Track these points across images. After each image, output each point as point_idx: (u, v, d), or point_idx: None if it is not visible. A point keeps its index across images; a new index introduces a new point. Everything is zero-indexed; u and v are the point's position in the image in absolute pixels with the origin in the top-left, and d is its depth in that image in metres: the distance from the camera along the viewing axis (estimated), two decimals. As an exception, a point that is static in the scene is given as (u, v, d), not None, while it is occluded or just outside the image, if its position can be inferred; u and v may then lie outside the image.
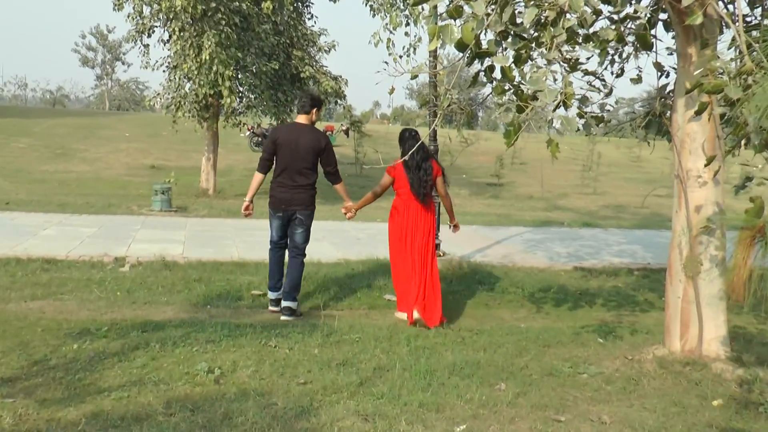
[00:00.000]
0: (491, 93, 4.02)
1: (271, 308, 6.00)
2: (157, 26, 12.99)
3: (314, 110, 6.00)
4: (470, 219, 12.78)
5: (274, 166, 5.96)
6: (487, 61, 4.02)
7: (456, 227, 6.30)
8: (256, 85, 12.75)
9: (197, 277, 6.79)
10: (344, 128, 26.16)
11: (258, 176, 6.01)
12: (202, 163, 14.22)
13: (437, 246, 7.99)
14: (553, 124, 3.68)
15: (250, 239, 9.08)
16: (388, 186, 5.99)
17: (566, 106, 3.54)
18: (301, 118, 5.98)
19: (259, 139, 23.49)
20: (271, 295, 6.03)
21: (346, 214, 6.07)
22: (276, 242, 6.04)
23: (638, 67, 4.80)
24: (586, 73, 4.13)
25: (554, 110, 3.53)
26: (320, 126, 17.30)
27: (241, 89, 13.76)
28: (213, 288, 6.48)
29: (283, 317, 5.79)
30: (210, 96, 12.40)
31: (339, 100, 14.39)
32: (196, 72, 12.56)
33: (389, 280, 7.03)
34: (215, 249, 8.21)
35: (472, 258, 8.51)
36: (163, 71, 13.40)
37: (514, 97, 3.91)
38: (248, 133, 23.08)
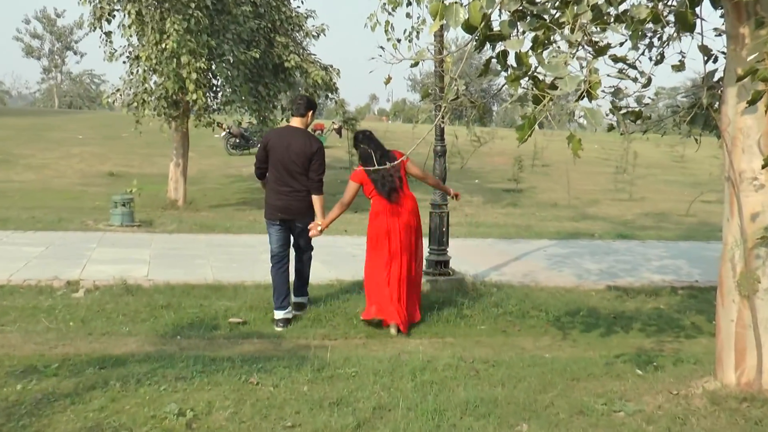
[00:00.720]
0: (506, 83, 4.04)
1: (278, 328, 6.44)
2: (117, 9, 13.09)
3: (310, 113, 6.68)
4: (484, 231, 12.81)
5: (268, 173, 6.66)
6: (500, 46, 4.04)
7: (457, 196, 7.05)
8: (233, 76, 12.79)
9: (165, 302, 6.80)
10: (336, 126, 26.30)
11: (262, 182, 6.85)
12: (169, 169, 14.28)
13: (446, 263, 8.02)
14: (576, 117, 3.69)
15: (226, 257, 9.10)
16: (355, 194, 6.51)
17: (591, 97, 3.55)
18: (296, 121, 6.65)
19: (237, 140, 23.60)
20: (279, 314, 6.51)
21: (310, 231, 6.48)
22: (277, 254, 6.64)
23: (681, 51, 4.81)
24: (617, 59, 4.14)
25: (576, 101, 3.55)
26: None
27: (215, 82, 13.83)
28: (184, 315, 6.49)
29: (294, 312, 6.69)
30: (179, 91, 12.47)
31: (330, 94, 14.46)
32: (155, 62, 12.63)
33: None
34: (186, 270, 8.22)
35: (486, 277, 8.52)
36: (124, 62, 13.47)
37: (531, 86, 3.94)
38: (224, 133, 23.21)
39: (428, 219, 8.23)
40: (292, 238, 6.72)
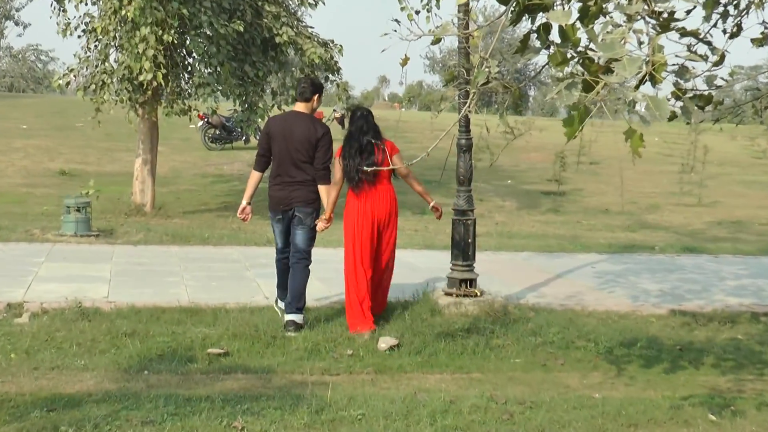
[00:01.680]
0: (547, 63, 4.05)
1: (288, 333, 7.04)
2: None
3: (316, 97, 7.34)
4: (519, 243, 12.81)
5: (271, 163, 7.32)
6: (541, 18, 4.06)
7: (436, 210, 7.62)
8: (212, 54, 12.85)
9: (129, 329, 6.84)
10: (337, 115, 26.36)
11: (254, 175, 7.42)
12: (135, 167, 14.37)
13: (471, 282, 8.03)
14: (636, 108, 3.69)
15: (204, 275, 9.14)
16: (343, 172, 7.30)
17: (655, 82, 3.55)
18: (300, 106, 7.34)
19: (217, 131, 23.74)
20: (290, 317, 7.19)
21: (317, 225, 7.29)
22: (281, 250, 7.42)
23: (763, 22, 4.80)
24: (685, 33, 4.13)
25: (637, 87, 3.55)
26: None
27: (190, 61, 13.90)
28: (152, 345, 6.53)
29: (288, 333, 7.05)
30: (141, 72, 12.53)
31: (331, 76, 14.50)
32: (114, 36, 12.68)
33: (407, 332, 7.05)
34: (155, 289, 8.26)
35: (522, 299, 8.52)
36: (79, 36, 13.53)
37: (580, 69, 3.94)
38: (201, 123, 23.35)
39: (450, 228, 8.24)
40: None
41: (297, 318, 7.14)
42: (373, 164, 7.14)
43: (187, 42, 13.14)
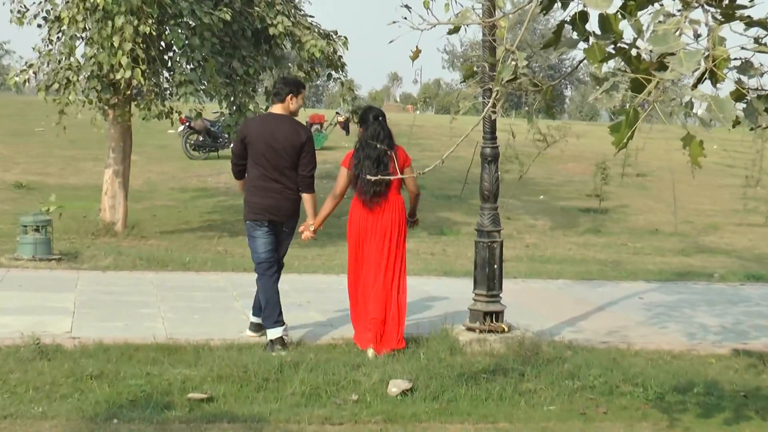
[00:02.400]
0: (585, 59, 4.03)
1: (274, 353, 7.36)
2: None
3: (290, 97, 7.71)
4: (554, 269, 12.78)
5: (247, 170, 7.75)
6: (577, 4, 4.04)
7: (415, 223, 8.09)
8: (195, 47, 12.87)
9: (96, 370, 6.82)
10: (341, 119, 26.47)
11: (238, 183, 8.02)
12: (104, 179, 14.42)
13: (498, 315, 8.00)
14: (694, 110, 3.66)
15: (184, 305, 9.14)
16: (348, 184, 7.80)
17: (716, 80, 3.53)
18: (277, 108, 7.74)
19: (200, 137, 23.84)
20: (273, 333, 7.59)
21: (302, 233, 7.85)
22: (266, 260, 7.70)
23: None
24: (751, 23, 4.11)
25: (694, 86, 3.53)
26: (304, 115, 17.50)
27: (170, 56, 13.94)
28: (123, 389, 6.51)
29: (248, 332, 7.87)
30: (118, 67, 12.53)
31: (334, 73, 14.55)
32: (83, 26, 12.67)
33: (422, 374, 7.01)
34: (127, 323, 8.26)
35: (556, 335, 8.48)
36: (39, 26, 13.55)
37: (625, 66, 3.92)
38: (182, 128, 23.45)
39: (473, 252, 8.22)
40: None
41: (281, 332, 7.63)
42: (388, 174, 7.46)
43: (166, 33, 13.11)
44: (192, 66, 13.28)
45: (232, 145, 25.72)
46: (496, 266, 8.09)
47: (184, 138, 23.80)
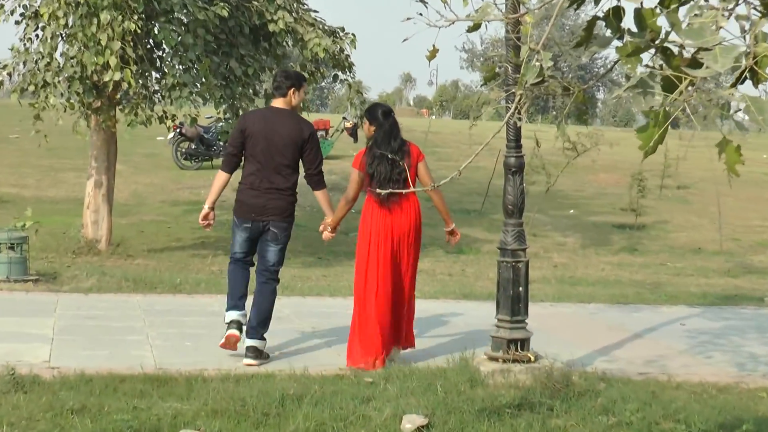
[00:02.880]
0: (618, 58, 4.04)
1: (229, 332, 8.02)
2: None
3: (292, 90, 8.06)
4: (585, 292, 12.76)
5: (243, 163, 8.07)
6: (609, -1, 4.06)
7: (454, 234, 8.54)
8: (188, 45, 12.92)
9: (77, 404, 6.84)
10: (348, 125, 26.49)
11: (221, 176, 8.24)
12: (86, 191, 14.46)
13: (523, 343, 8.00)
14: (731, 111, 3.66)
15: (175, 332, 9.15)
16: (361, 185, 8.12)
17: (757, 80, 3.54)
18: (278, 102, 8.10)
19: (192, 145, 23.90)
20: (230, 315, 8.06)
21: (322, 232, 8.31)
22: (239, 259, 8.16)
23: None
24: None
25: (733, 86, 3.54)
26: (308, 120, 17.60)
27: (161, 54, 13.98)
28: (107, 425, 6.51)
29: (246, 360, 7.93)
30: (103, 69, 12.56)
31: (340, 74, 14.59)
32: (65, 24, 12.67)
33: (439, 408, 7.02)
34: (111, 351, 8.27)
35: (588, 365, 8.47)
36: (17, 22, 13.60)
37: (660, 63, 3.92)
38: (173, 134, 23.50)
39: (496, 273, 8.23)
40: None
41: (259, 344, 7.99)
42: (402, 171, 7.92)
43: (155, 31, 13.18)
44: (185, 67, 13.30)
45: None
46: (521, 288, 8.08)
47: (174, 146, 23.86)
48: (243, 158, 8.15)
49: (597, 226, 19.61)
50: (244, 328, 8.07)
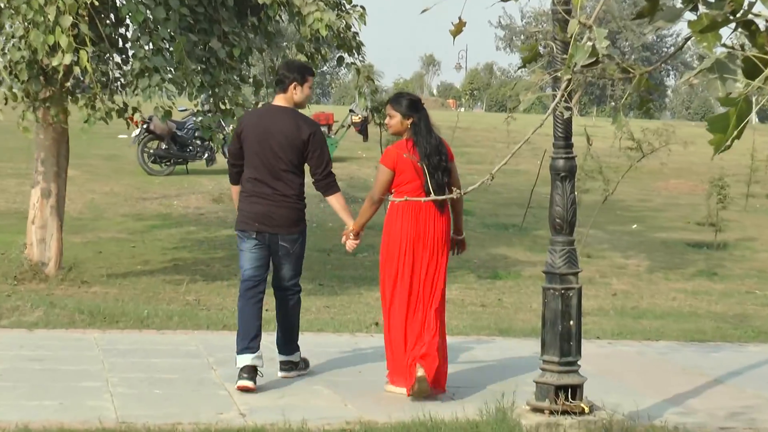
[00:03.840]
0: (691, 35, 4.03)
1: (240, 383, 8.37)
2: None
3: (293, 85, 8.59)
4: (652, 326, 12.73)
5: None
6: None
7: (462, 245, 9.05)
8: (158, 22, 12.92)
9: (20, 465, 6.85)
10: (357, 118, 26.38)
11: (233, 189, 8.90)
12: (31, 202, 14.44)
13: (575, 390, 7.99)
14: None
15: (141, 377, 9.15)
16: (390, 184, 8.65)
17: None
18: (278, 99, 8.66)
19: (163, 145, 23.91)
20: (242, 359, 8.42)
21: (345, 242, 8.86)
22: (250, 278, 8.61)
23: None
24: None
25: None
26: (307, 113, 17.53)
27: (125, 32, 13.98)
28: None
29: (281, 373, 8.80)
30: (53, 52, 12.57)
31: (347, 56, 14.55)
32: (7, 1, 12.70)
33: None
34: (63, 401, 8.26)
35: (657, 417, 8.44)
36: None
37: (742, 42, 3.91)
38: (138, 131, 23.47)
39: (540, 303, 8.21)
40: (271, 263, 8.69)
41: (293, 357, 8.90)
42: (446, 168, 8.66)
43: (118, 4, 13.15)
44: (155, 47, 13.23)
45: (207, 155, 25.82)
46: (572, 322, 8.07)
47: (140, 146, 23.83)
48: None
49: (667, 244, 19.57)
50: (261, 370, 8.48)
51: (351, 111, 27.03)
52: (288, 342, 8.84)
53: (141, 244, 17.50)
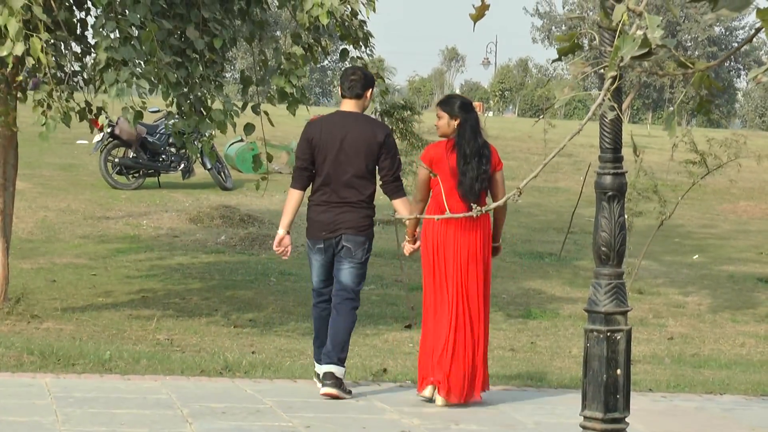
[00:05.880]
0: (761, 26, 4.05)
1: (324, 390, 9.85)
2: None
3: (369, 92, 10.12)
4: (717, 378, 12.75)
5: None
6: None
7: (498, 250, 10.27)
8: (127, 5, 12.94)
9: None
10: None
11: (293, 194, 10.09)
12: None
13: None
14: None
15: (100, 431, 9.16)
16: (429, 182, 9.93)
17: None
18: (349, 104, 10.07)
19: (130, 153, 23.92)
20: (319, 368, 10.01)
21: (404, 248, 10.37)
22: (320, 290, 10.10)
23: None
24: None
25: None
26: (304, 116, 17.51)
27: (82, 18, 14.03)
28: None
29: (324, 389, 9.82)
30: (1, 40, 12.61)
31: (352, 49, 14.58)
32: None
33: None
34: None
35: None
36: None
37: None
38: (101, 135, 23.43)
39: (582, 348, 8.23)
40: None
41: (337, 370, 9.83)
42: (485, 173, 9.82)
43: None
44: (122, 36, 13.20)
45: (182, 165, 25.95)
46: (619, 371, 8.08)
47: (103, 154, 23.82)
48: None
49: (734, 279, 19.57)
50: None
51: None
52: (334, 349, 9.83)
53: (103, 271, 17.54)
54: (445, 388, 9.67)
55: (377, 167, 9.97)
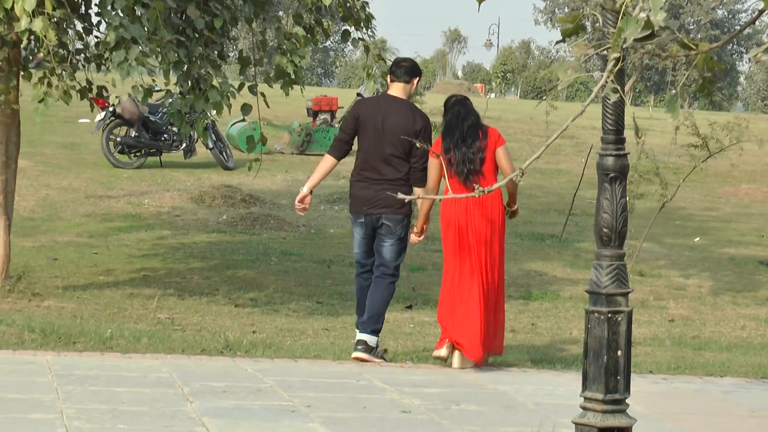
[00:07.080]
0: (764, 8, 4.03)
1: (355, 354, 10.83)
2: None
3: (417, 80, 11.06)
4: (717, 360, 12.76)
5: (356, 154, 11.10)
6: None
7: (515, 213, 11.14)
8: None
9: None
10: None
11: (328, 159, 11.03)
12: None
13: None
14: None
15: (103, 409, 9.16)
16: (440, 172, 10.58)
17: None
18: (396, 89, 10.99)
19: (132, 132, 23.86)
20: (359, 335, 10.90)
21: (410, 238, 11.03)
22: (362, 262, 11.13)
23: None
24: None
25: None
26: (302, 97, 17.42)
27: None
28: None
29: (355, 354, 10.80)
30: (9, 19, 12.56)
31: (354, 30, 14.52)
32: None
33: None
34: (6, 435, 8.27)
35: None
36: None
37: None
38: (103, 114, 23.35)
39: (583, 329, 8.22)
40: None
41: (371, 339, 10.79)
42: (478, 151, 10.60)
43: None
44: (125, 15, 13.11)
45: (185, 144, 25.94)
46: (620, 353, 8.07)
47: (105, 132, 23.76)
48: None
49: (735, 261, 19.56)
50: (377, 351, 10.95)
51: (359, 95, 27.08)
52: (369, 320, 10.81)
53: (104, 250, 17.53)
54: (468, 348, 10.57)
55: (411, 152, 10.68)
